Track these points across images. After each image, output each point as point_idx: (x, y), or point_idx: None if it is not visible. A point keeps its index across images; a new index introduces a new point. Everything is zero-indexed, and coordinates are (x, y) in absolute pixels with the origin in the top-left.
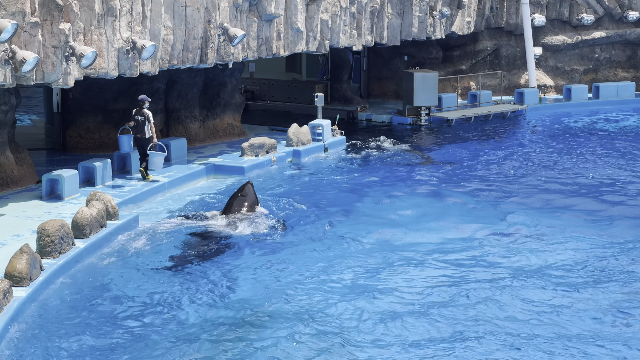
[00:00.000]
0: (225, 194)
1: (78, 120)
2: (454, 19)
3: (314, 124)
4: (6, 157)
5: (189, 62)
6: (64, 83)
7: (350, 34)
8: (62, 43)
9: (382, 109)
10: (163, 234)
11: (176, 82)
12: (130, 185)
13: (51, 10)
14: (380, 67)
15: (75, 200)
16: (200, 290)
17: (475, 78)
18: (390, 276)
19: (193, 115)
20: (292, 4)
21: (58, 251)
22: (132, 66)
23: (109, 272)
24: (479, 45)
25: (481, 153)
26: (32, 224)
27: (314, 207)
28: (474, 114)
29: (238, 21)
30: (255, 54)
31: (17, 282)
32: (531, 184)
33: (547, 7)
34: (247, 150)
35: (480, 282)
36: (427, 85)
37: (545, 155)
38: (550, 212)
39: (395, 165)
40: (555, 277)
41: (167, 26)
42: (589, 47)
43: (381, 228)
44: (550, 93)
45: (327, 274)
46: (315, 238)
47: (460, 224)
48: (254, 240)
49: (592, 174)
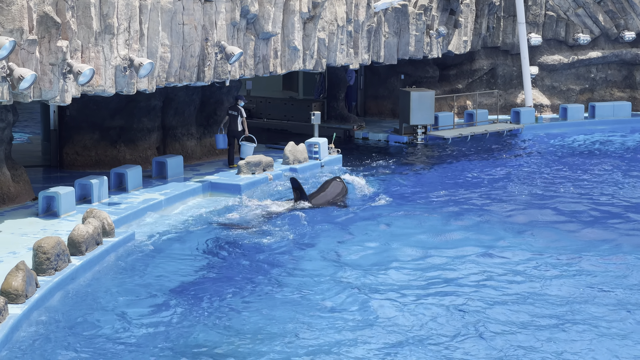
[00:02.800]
0: (221, 212)
1: (75, 138)
2: (450, 38)
3: (311, 142)
4: (3, 174)
5: (186, 80)
6: (61, 100)
7: (347, 52)
8: (60, 60)
9: (379, 127)
10: (159, 251)
11: (173, 99)
12: (126, 203)
13: (49, 27)
14: (377, 86)
15: (71, 218)
16: (194, 307)
17: (471, 97)
18: (380, 303)
19: (190, 132)
20: (289, 23)
21: (54, 268)
22: (129, 84)
23: (105, 290)
24: (476, 64)
25: (477, 172)
26: (28, 241)
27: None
28: (471, 133)
29: (235, 39)
30: (252, 72)
31: (13, 299)
32: (526, 202)
33: (543, 26)
34: (243, 168)
35: (484, 304)
36: (423, 104)
37: (541, 174)
38: (546, 230)
39: (390, 184)
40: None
41: (165, 44)
42: (585, 67)
43: (371, 248)
44: (546, 112)
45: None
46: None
47: (458, 243)
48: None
49: (594, 191)
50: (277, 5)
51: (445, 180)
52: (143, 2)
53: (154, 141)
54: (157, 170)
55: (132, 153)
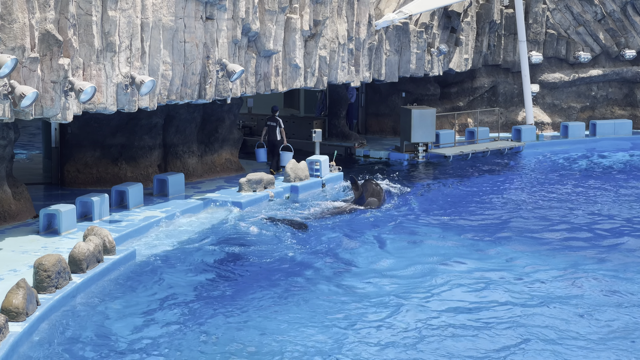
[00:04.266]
0: (221, 229)
1: (76, 155)
2: (451, 56)
3: (312, 159)
4: (4, 192)
5: (187, 98)
6: (62, 118)
7: (348, 70)
8: (62, 78)
9: (380, 145)
10: (160, 268)
11: (174, 117)
12: (127, 220)
13: (51, 45)
14: (378, 104)
15: (72, 235)
16: (196, 326)
17: (472, 115)
18: (385, 322)
19: (191, 150)
20: (290, 40)
21: (55, 286)
22: (130, 101)
23: (105, 308)
24: (477, 82)
25: (478, 189)
26: (29, 258)
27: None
28: (472, 151)
29: (237, 57)
30: (254, 89)
31: (13, 317)
32: (527, 220)
33: (544, 45)
34: (244, 185)
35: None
36: (424, 122)
37: (542, 191)
38: (548, 249)
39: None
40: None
41: (166, 62)
42: (586, 85)
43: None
44: (547, 130)
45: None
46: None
47: (461, 261)
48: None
49: (599, 209)
50: (278, 23)
51: (447, 197)
52: (144, 20)
53: (155, 159)
54: (159, 188)
55: (133, 170)
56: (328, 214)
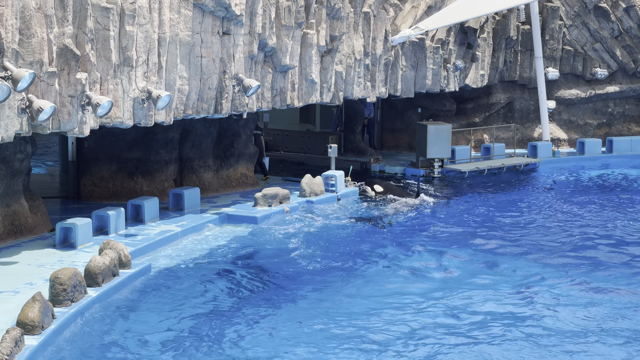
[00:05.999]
0: (238, 242)
1: (92, 169)
2: (467, 72)
3: (327, 174)
4: (21, 205)
5: (203, 112)
6: (79, 132)
7: (364, 85)
8: (79, 92)
9: (395, 160)
10: (176, 282)
11: (190, 131)
12: (143, 234)
13: (68, 60)
14: (394, 119)
15: (88, 249)
16: (211, 341)
17: (488, 131)
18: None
19: (207, 165)
20: (306, 56)
21: (70, 300)
22: (147, 116)
23: (121, 321)
24: (493, 98)
25: (494, 205)
26: (45, 272)
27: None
28: (487, 167)
29: (253, 72)
30: (270, 104)
31: (29, 330)
32: (545, 237)
33: (560, 61)
34: (260, 200)
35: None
36: (440, 138)
37: (558, 208)
38: (567, 267)
39: (408, 217)
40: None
41: (183, 76)
42: (603, 102)
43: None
44: (563, 146)
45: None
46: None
47: (479, 280)
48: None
49: (615, 225)
50: (294, 39)
51: (463, 213)
52: (162, 35)
53: (171, 173)
54: (174, 202)
55: (149, 185)
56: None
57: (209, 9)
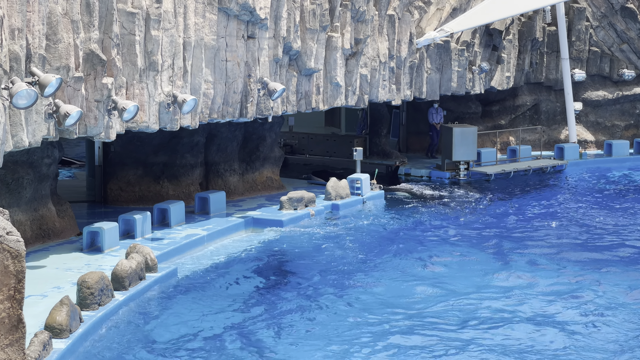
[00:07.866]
0: (263, 247)
1: (119, 173)
2: (493, 74)
3: (353, 177)
4: (48, 210)
5: (228, 116)
6: (105, 136)
7: (389, 88)
8: (105, 97)
9: (421, 163)
10: (202, 287)
11: (216, 135)
12: (169, 238)
13: (95, 65)
14: (419, 122)
15: (115, 253)
16: (240, 345)
17: (514, 133)
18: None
19: (232, 168)
20: (331, 59)
21: (98, 303)
22: (172, 120)
23: (147, 325)
24: (519, 100)
25: (521, 208)
26: (72, 275)
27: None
28: (514, 169)
29: (278, 75)
30: (295, 108)
31: (57, 333)
32: (571, 240)
33: (587, 62)
34: (285, 203)
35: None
36: (466, 140)
37: (586, 210)
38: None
39: (434, 220)
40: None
41: (208, 80)
42: (630, 103)
43: (412, 285)
44: (590, 148)
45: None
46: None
47: (503, 282)
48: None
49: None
50: (319, 42)
51: (489, 216)
52: (187, 39)
53: (196, 177)
54: (200, 206)
55: (175, 189)
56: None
57: (234, 13)
